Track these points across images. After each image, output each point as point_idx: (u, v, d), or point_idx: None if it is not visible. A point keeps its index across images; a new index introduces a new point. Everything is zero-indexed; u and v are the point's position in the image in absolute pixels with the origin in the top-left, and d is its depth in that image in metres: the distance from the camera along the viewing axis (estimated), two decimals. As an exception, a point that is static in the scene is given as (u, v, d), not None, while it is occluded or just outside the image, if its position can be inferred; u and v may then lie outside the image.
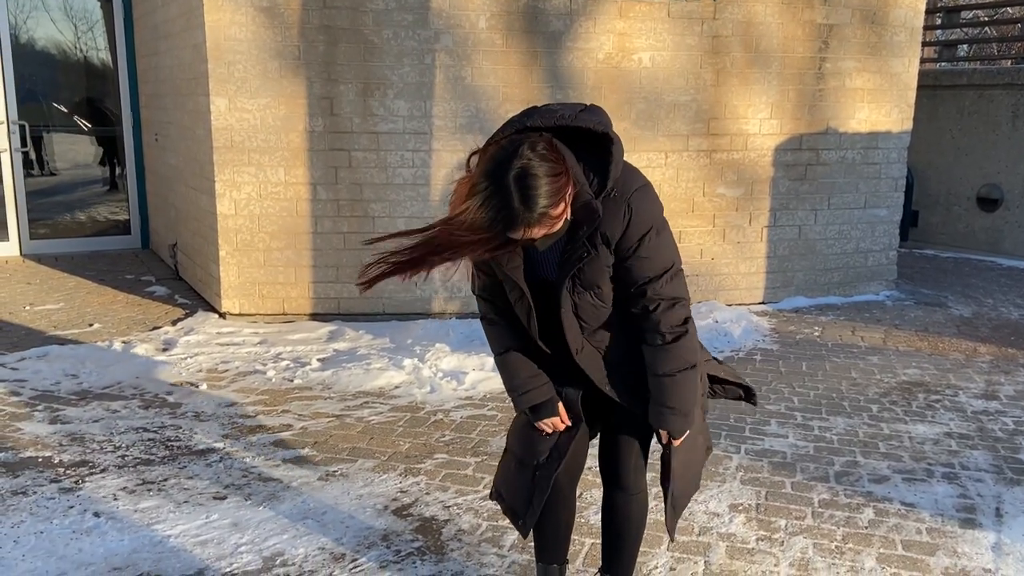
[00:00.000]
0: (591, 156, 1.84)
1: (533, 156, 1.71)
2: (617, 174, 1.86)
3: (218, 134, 5.47)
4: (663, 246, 1.94)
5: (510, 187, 1.70)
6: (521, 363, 2.09)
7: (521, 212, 1.71)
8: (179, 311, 5.94)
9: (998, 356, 5.27)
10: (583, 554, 2.84)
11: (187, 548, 2.85)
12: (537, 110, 1.84)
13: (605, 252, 1.91)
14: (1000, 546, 2.94)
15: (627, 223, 1.87)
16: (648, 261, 1.93)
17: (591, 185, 1.83)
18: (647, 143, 5.97)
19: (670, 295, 1.95)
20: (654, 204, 1.92)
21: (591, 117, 1.84)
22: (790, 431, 3.99)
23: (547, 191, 1.71)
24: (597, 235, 1.88)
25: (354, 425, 3.97)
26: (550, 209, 1.73)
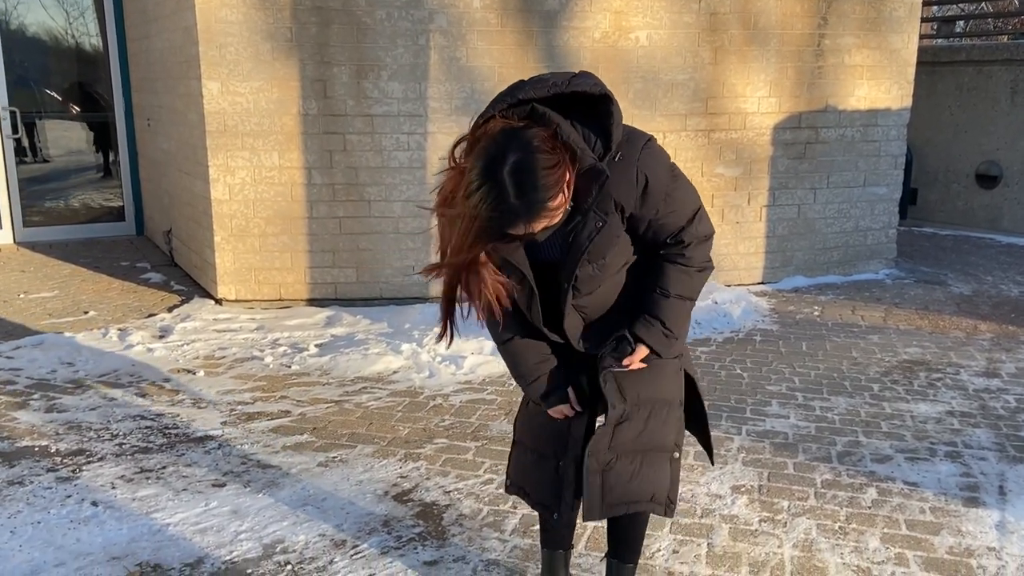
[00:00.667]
0: (591, 119, 1.79)
1: (528, 149, 1.65)
2: (619, 136, 1.80)
3: (211, 118, 5.41)
4: (684, 193, 1.91)
5: (505, 183, 1.64)
6: (526, 350, 2.03)
7: (519, 208, 1.66)
8: (175, 298, 5.89)
9: (999, 334, 5.25)
10: (587, 537, 2.83)
11: (186, 536, 2.83)
12: (527, 81, 1.77)
13: (616, 221, 1.85)
14: (1004, 524, 2.93)
15: (644, 187, 1.82)
16: (677, 213, 1.90)
17: (593, 149, 1.77)
18: (644, 123, 5.91)
19: (703, 233, 1.94)
20: (663, 158, 1.88)
21: (585, 80, 1.78)
22: (791, 412, 3.97)
23: (544, 184, 1.66)
24: (610, 201, 1.82)
25: (353, 411, 3.95)
26: (549, 202, 1.68)
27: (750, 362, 4.69)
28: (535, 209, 1.68)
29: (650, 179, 1.82)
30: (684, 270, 1.94)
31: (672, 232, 1.92)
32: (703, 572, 2.64)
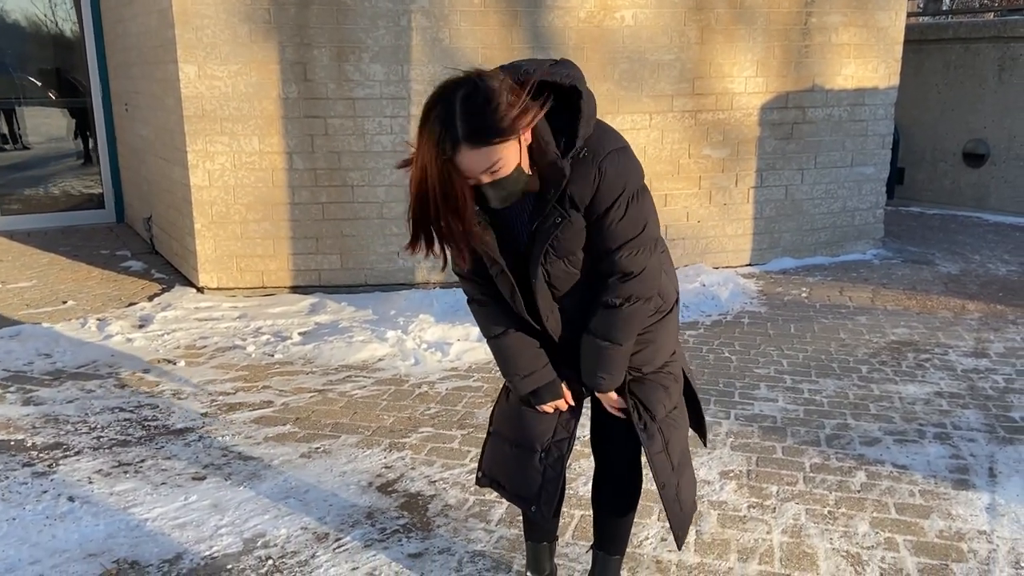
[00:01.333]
0: (561, 112, 1.72)
1: (487, 82, 1.60)
2: (587, 132, 1.74)
3: (188, 103, 5.30)
4: (634, 214, 1.81)
5: (455, 105, 1.58)
6: (519, 346, 1.98)
7: (465, 131, 1.58)
8: (156, 286, 5.80)
9: (987, 313, 5.24)
10: (573, 527, 2.78)
11: (165, 532, 2.77)
12: (503, 68, 1.72)
13: (578, 217, 1.80)
14: (995, 507, 2.91)
15: (597, 186, 1.76)
16: (614, 229, 1.80)
17: (559, 144, 1.71)
18: (631, 104, 5.84)
19: (628, 268, 1.84)
20: (629, 167, 1.80)
21: (559, 70, 1.72)
22: (780, 395, 3.94)
23: (496, 116, 1.59)
24: (566, 198, 1.77)
25: (337, 400, 3.89)
26: (496, 137, 1.59)
27: (738, 345, 4.65)
28: (479, 135, 1.59)
29: (604, 178, 1.75)
30: (607, 310, 1.88)
31: (604, 248, 1.83)
32: (691, 560, 2.60)
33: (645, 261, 1.86)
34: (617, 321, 1.88)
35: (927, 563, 2.58)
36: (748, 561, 2.60)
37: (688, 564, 2.58)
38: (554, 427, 2.04)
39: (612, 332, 1.90)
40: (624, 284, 1.85)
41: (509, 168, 1.67)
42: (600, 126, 1.80)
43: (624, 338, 1.91)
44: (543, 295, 1.90)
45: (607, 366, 1.94)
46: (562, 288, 1.91)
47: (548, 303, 1.92)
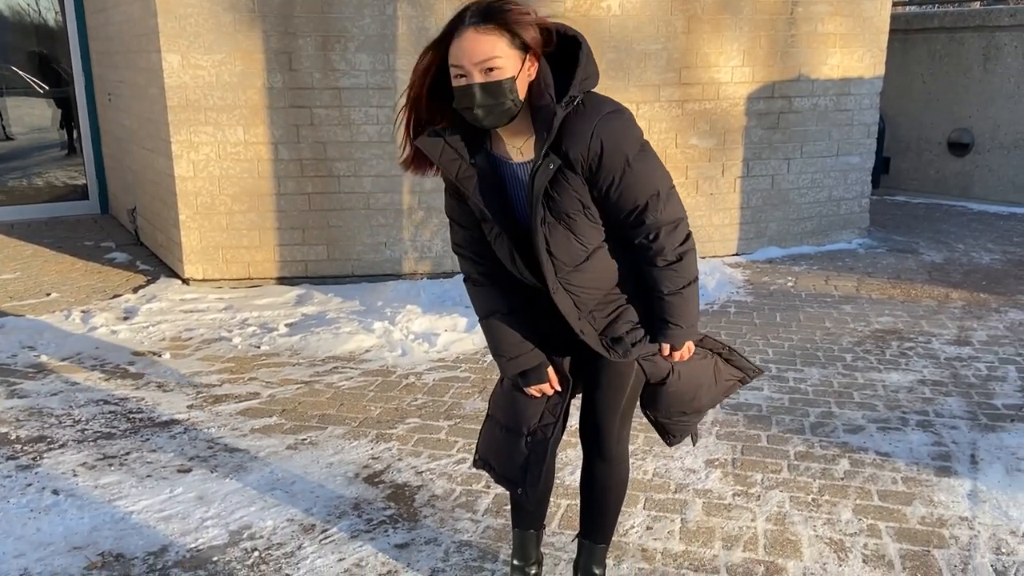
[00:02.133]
0: (562, 64, 1.78)
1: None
2: (584, 77, 1.77)
3: (172, 92, 5.25)
4: (648, 170, 1.84)
5: (472, 3, 1.73)
6: (509, 327, 1.99)
7: (473, 13, 1.70)
8: (140, 278, 5.76)
9: (970, 301, 5.28)
10: (559, 516, 2.80)
11: (150, 524, 2.76)
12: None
13: (574, 177, 1.81)
14: (976, 493, 2.94)
15: (600, 153, 1.77)
16: (634, 189, 1.83)
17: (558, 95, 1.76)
18: (618, 94, 5.83)
19: (668, 219, 1.88)
20: (627, 129, 1.82)
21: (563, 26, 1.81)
22: (765, 383, 3.96)
23: (504, 5, 1.71)
24: (561, 150, 1.78)
25: (323, 391, 3.88)
26: (501, 18, 1.70)
27: (724, 334, 4.67)
28: (485, 16, 1.70)
29: (607, 144, 1.77)
30: (663, 269, 1.91)
31: (631, 211, 1.86)
32: (676, 548, 2.62)
33: (678, 206, 1.91)
34: (687, 266, 1.93)
35: (909, 549, 2.61)
36: (732, 548, 2.62)
37: (673, 552, 2.60)
38: (541, 411, 2.05)
39: (688, 275, 1.94)
40: (674, 233, 1.89)
41: (504, 74, 1.72)
42: (599, 95, 1.84)
43: (695, 270, 1.97)
44: (547, 265, 1.90)
45: (697, 308, 1.99)
46: (567, 261, 1.89)
47: (552, 276, 1.92)
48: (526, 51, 1.74)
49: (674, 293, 1.94)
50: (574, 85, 1.76)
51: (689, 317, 1.98)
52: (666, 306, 1.95)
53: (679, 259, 1.91)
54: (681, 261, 1.91)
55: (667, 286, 1.93)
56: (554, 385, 2.04)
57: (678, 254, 1.91)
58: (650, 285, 1.96)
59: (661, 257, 1.90)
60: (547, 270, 1.90)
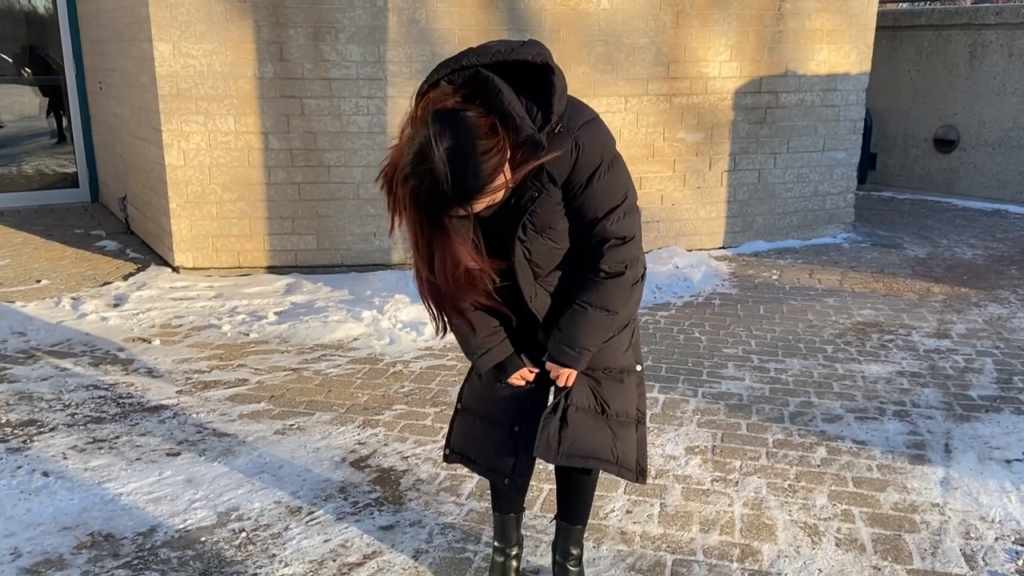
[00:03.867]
0: (533, 89, 1.76)
1: (462, 133, 1.62)
2: (561, 107, 1.77)
3: (163, 81, 5.28)
4: (614, 182, 1.87)
5: (439, 170, 1.62)
6: (477, 323, 2.00)
7: (454, 195, 1.64)
8: (131, 266, 5.79)
9: (951, 296, 5.36)
10: (540, 500, 2.86)
11: (139, 506, 2.81)
12: (473, 49, 1.76)
13: (555, 190, 1.85)
14: (948, 481, 3.01)
15: (575, 159, 1.81)
16: (598, 199, 1.86)
17: (534, 120, 1.74)
18: (607, 87, 5.89)
19: (619, 233, 1.89)
20: (603, 138, 1.85)
21: (529, 50, 1.75)
22: (747, 374, 4.03)
23: (481, 171, 1.64)
24: (543, 173, 1.81)
25: (312, 378, 3.93)
26: (485, 188, 1.67)
27: (708, 325, 4.74)
28: (471, 196, 1.67)
29: (582, 151, 1.80)
30: (593, 279, 1.91)
31: (590, 218, 1.88)
32: (655, 531, 2.69)
33: (634, 223, 1.92)
34: (616, 288, 1.92)
35: (881, 533, 2.68)
36: (710, 532, 2.68)
37: (652, 535, 2.67)
38: (525, 401, 2.09)
39: (610, 300, 1.92)
40: (619, 249, 1.89)
41: (500, 195, 1.73)
42: (571, 101, 1.84)
43: (622, 306, 1.95)
44: (525, 274, 1.94)
45: (598, 337, 1.97)
46: (545, 266, 1.95)
47: (530, 283, 1.96)
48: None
49: (585, 306, 1.92)
50: (554, 113, 1.74)
51: (581, 337, 1.94)
52: (570, 313, 1.94)
53: (612, 276, 1.90)
54: (613, 279, 1.90)
55: (585, 296, 1.92)
56: (532, 368, 2.07)
57: (616, 271, 1.89)
58: (572, 291, 1.95)
59: (595, 268, 1.90)
60: (525, 279, 1.94)
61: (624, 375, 2.08)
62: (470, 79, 1.72)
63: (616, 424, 2.10)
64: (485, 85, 1.70)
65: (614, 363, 2.06)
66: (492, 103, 1.69)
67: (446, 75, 1.72)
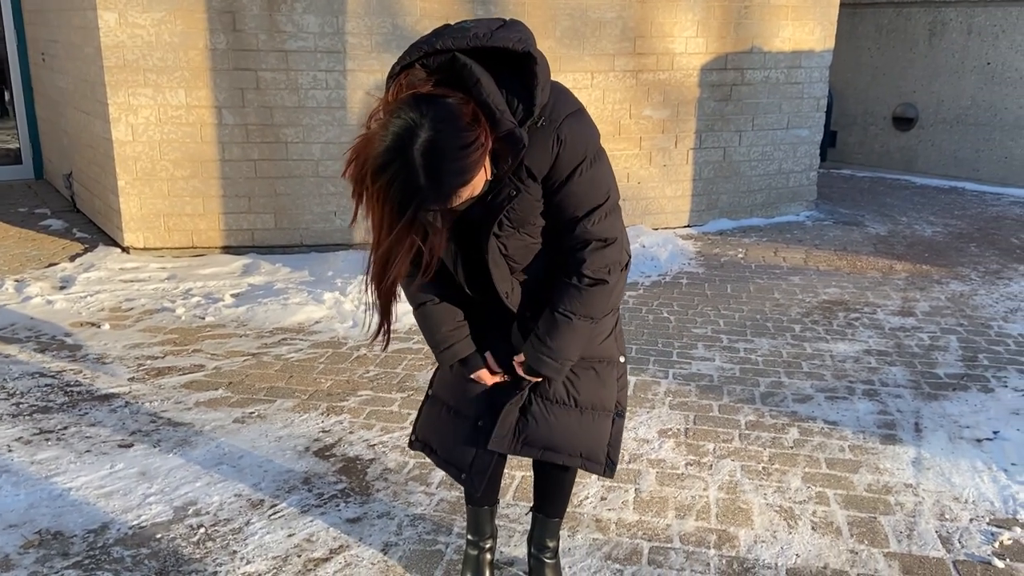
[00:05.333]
0: (514, 78, 1.62)
1: (441, 125, 1.49)
2: (544, 99, 1.64)
3: (108, 52, 5.02)
4: (597, 179, 1.74)
5: (415, 164, 1.49)
6: (441, 316, 1.90)
7: (430, 192, 1.52)
8: (78, 246, 5.55)
9: (913, 273, 5.40)
10: (514, 488, 2.78)
11: (90, 501, 2.66)
12: (448, 29, 1.61)
13: (534, 186, 1.73)
14: (920, 461, 3.01)
15: (556, 154, 1.68)
16: (579, 196, 1.74)
17: (515, 112, 1.61)
18: (573, 63, 5.77)
19: (601, 234, 1.77)
20: (588, 131, 1.72)
21: (509, 34, 1.60)
22: (717, 354, 3.99)
23: (459, 167, 1.51)
24: (522, 168, 1.69)
25: (272, 363, 3.79)
26: (464, 186, 1.55)
27: (677, 305, 4.70)
28: (449, 193, 1.54)
29: (565, 145, 1.68)
30: (572, 287, 1.79)
31: (570, 217, 1.76)
32: (630, 518, 2.63)
33: (617, 224, 1.80)
34: (600, 296, 1.79)
35: (856, 516, 2.66)
36: (685, 518, 2.63)
37: (627, 522, 2.61)
38: (494, 395, 1.98)
39: (595, 308, 1.80)
40: (602, 252, 1.77)
41: (479, 188, 1.62)
42: (554, 88, 1.70)
43: (602, 312, 1.83)
44: (500, 269, 1.83)
45: (582, 345, 1.85)
46: (522, 260, 1.84)
47: (506, 278, 1.85)
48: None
49: (569, 315, 1.79)
50: (537, 106, 1.61)
51: (565, 348, 1.82)
52: (550, 321, 1.80)
53: (593, 284, 1.77)
54: (594, 287, 1.77)
55: (565, 304, 1.79)
56: (494, 368, 1.95)
57: (596, 278, 1.77)
58: (552, 297, 1.82)
59: (577, 273, 1.77)
60: (501, 275, 1.83)
61: (603, 365, 1.98)
62: (447, 64, 1.58)
63: (588, 417, 1.99)
64: (462, 73, 1.57)
65: (593, 352, 1.96)
66: (471, 92, 1.55)
67: (419, 58, 1.58)
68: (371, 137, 1.53)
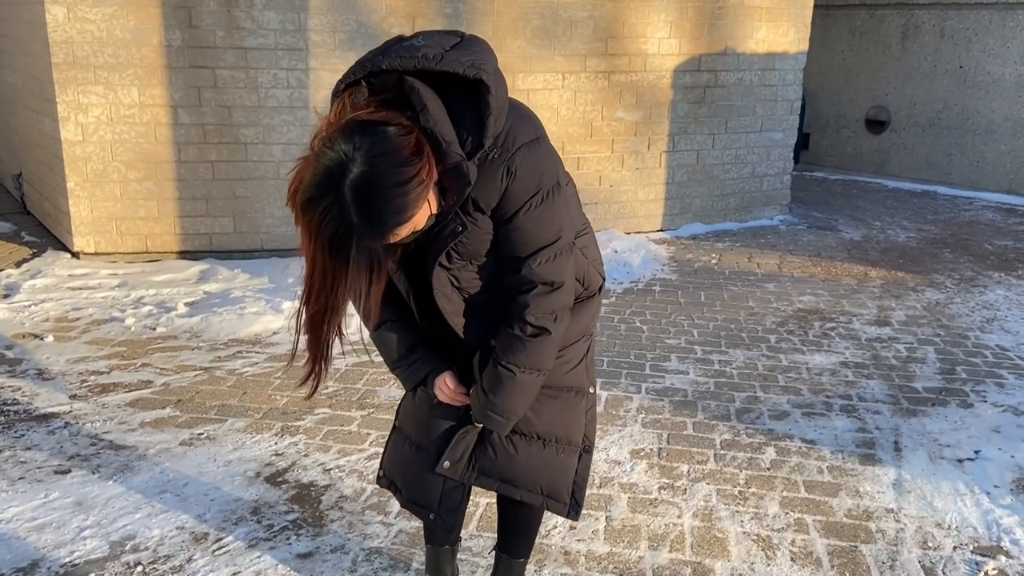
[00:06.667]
0: (468, 104, 1.46)
1: (377, 159, 1.34)
2: (497, 128, 1.48)
3: (57, 48, 4.78)
4: (548, 216, 1.58)
5: (346, 200, 1.34)
6: (399, 336, 1.76)
7: (363, 230, 1.37)
8: (25, 250, 5.29)
9: (888, 280, 5.32)
10: (478, 516, 2.62)
11: (19, 535, 2.46)
12: (396, 46, 1.45)
13: (483, 219, 1.57)
14: (901, 483, 2.89)
15: (506, 187, 1.52)
16: (527, 233, 1.57)
17: (465, 144, 1.45)
18: (543, 63, 5.61)
19: (547, 278, 1.61)
20: (543, 163, 1.55)
21: (461, 56, 1.43)
22: (690, 366, 3.86)
23: (395, 205, 1.36)
24: (469, 202, 1.53)
25: (224, 379, 3.59)
26: (400, 226, 1.40)
27: (649, 314, 4.56)
28: (384, 232, 1.39)
29: (516, 177, 1.52)
30: (514, 336, 1.64)
31: (514, 255, 1.60)
32: (600, 549, 2.48)
33: (565, 267, 1.63)
34: (545, 346, 1.65)
35: (836, 545, 2.53)
36: (659, 549, 2.49)
37: (597, 554, 2.46)
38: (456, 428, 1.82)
39: (541, 360, 1.66)
40: (547, 298, 1.61)
41: (422, 223, 1.47)
42: (512, 112, 1.53)
43: (548, 363, 1.68)
44: (452, 304, 1.68)
45: (529, 398, 1.71)
46: (474, 291, 1.69)
47: (459, 312, 1.70)
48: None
49: (509, 368, 1.65)
50: (488, 137, 1.46)
51: (507, 404, 1.69)
52: (493, 376, 1.67)
53: (537, 334, 1.63)
54: (537, 338, 1.63)
55: (508, 356, 1.65)
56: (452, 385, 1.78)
57: (538, 326, 1.62)
58: (496, 347, 1.68)
59: (520, 319, 1.62)
60: (452, 309, 1.68)
61: (571, 395, 1.83)
62: (394, 82, 1.43)
63: (552, 451, 1.83)
64: (409, 96, 1.41)
65: (560, 381, 1.80)
66: (417, 118, 1.40)
67: (364, 76, 1.43)
68: (308, 160, 1.38)
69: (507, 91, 1.52)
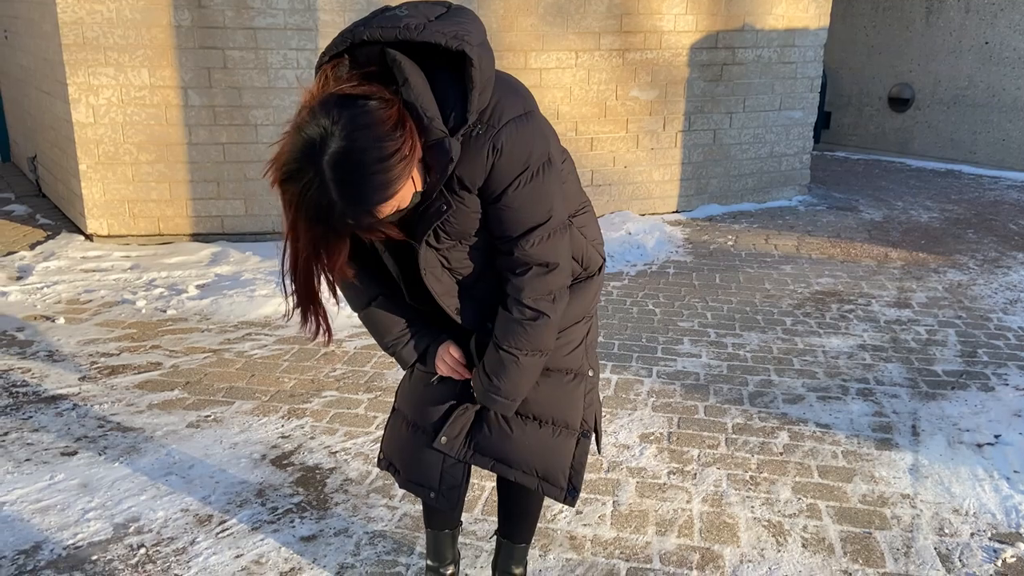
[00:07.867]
0: (453, 78, 1.40)
1: (357, 133, 1.29)
2: (482, 103, 1.42)
3: (67, 29, 4.76)
4: (538, 194, 1.52)
5: (325, 176, 1.30)
6: (389, 314, 1.71)
7: (343, 208, 1.33)
8: (40, 233, 5.31)
9: (909, 261, 5.21)
10: (482, 500, 2.59)
11: (24, 517, 2.46)
12: (380, 16, 1.40)
13: (470, 198, 1.52)
14: (918, 468, 2.82)
15: (492, 164, 1.47)
16: (517, 212, 1.52)
17: (448, 120, 1.40)
18: (556, 41, 5.52)
19: (542, 258, 1.56)
20: (532, 139, 1.49)
21: (444, 28, 1.38)
22: (703, 349, 3.80)
23: (376, 183, 1.32)
24: (454, 180, 1.48)
25: (233, 361, 3.58)
26: (381, 204, 1.35)
27: (663, 297, 4.50)
28: (366, 209, 1.35)
29: (502, 154, 1.46)
30: (512, 320, 1.59)
31: (505, 236, 1.55)
32: (607, 535, 2.44)
33: (560, 247, 1.58)
34: (545, 329, 1.60)
35: (850, 531, 2.48)
36: (667, 534, 2.45)
37: (604, 539, 2.42)
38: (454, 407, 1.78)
39: (541, 341, 1.62)
40: (543, 279, 1.57)
41: (407, 200, 1.42)
42: (501, 86, 1.47)
43: (549, 343, 1.64)
44: (443, 284, 1.63)
45: (532, 378, 1.67)
46: (465, 271, 1.64)
47: (451, 293, 1.65)
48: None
49: (511, 352, 1.61)
50: (472, 113, 1.41)
51: (512, 386, 1.65)
52: (495, 360, 1.63)
53: (534, 317, 1.59)
54: (536, 321, 1.59)
55: (508, 341, 1.61)
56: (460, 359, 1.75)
57: (536, 310, 1.58)
58: (495, 330, 1.64)
59: (517, 302, 1.58)
60: (445, 290, 1.63)
61: (569, 378, 1.78)
62: (378, 54, 1.38)
63: (547, 432, 1.79)
64: (392, 68, 1.36)
65: (559, 363, 1.75)
66: (399, 91, 1.35)
67: (347, 48, 1.38)
68: (290, 135, 1.33)
69: (493, 64, 1.46)
